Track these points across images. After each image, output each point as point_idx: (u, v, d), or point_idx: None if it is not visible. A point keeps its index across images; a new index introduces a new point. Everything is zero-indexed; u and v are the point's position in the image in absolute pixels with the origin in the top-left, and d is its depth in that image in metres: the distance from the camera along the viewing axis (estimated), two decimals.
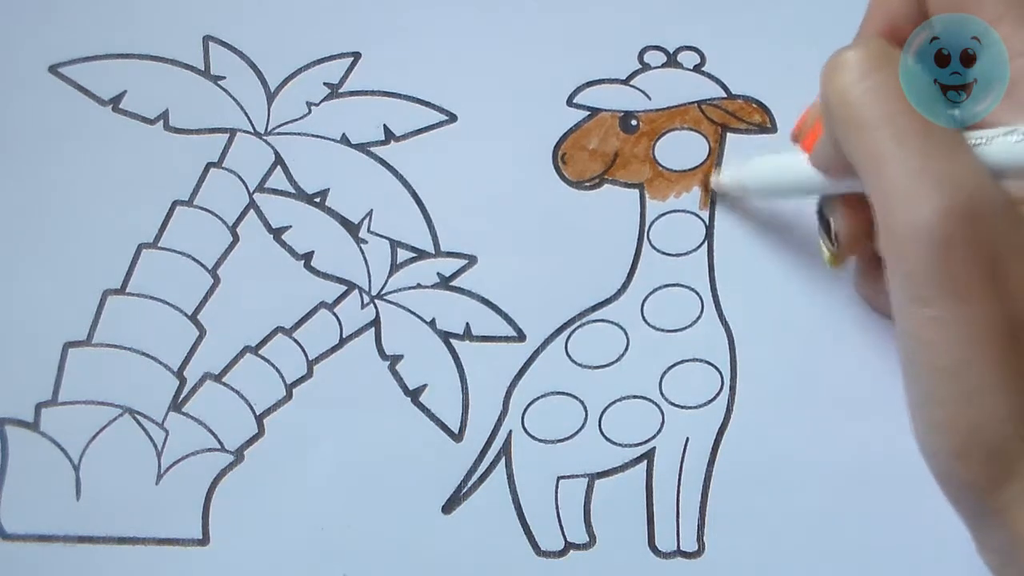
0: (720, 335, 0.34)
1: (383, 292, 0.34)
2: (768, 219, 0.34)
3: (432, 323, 0.34)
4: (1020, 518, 0.22)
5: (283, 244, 0.34)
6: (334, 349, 0.33)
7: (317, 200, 0.35)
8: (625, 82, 0.36)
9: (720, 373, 0.33)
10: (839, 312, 0.34)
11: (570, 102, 0.36)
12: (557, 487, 0.33)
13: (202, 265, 0.34)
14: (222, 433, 0.33)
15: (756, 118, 0.36)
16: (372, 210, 0.35)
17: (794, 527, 0.32)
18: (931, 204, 0.21)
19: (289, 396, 0.33)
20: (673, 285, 0.34)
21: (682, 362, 0.33)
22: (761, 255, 0.34)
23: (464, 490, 0.32)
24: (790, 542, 0.32)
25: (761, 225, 0.34)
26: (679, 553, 0.32)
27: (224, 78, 0.36)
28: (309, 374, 0.33)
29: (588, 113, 0.36)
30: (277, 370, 0.33)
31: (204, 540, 0.32)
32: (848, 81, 0.24)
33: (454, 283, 0.34)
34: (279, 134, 0.35)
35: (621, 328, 0.34)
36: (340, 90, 0.36)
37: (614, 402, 0.33)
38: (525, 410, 0.33)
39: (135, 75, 0.36)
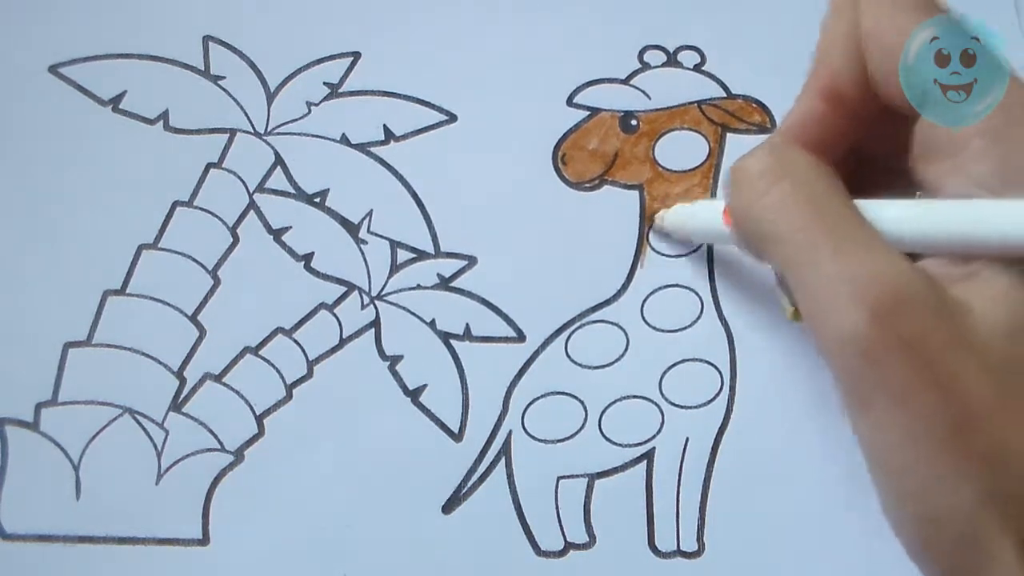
0: (720, 335, 0.34)
1: (383, 293, 0.34)
2: None
3: (432, 324, 0.34)
4: None
5: (283, 245, 0.34)
6: (334, 350, 0.33)
7: (317, 200, 0.35)
8: (625, 82, 0.36)
9: (720, 373, 0.33)
10: None
11: (570, 102, 0.36)
12: (557, 487, 0.33)
13: (202, 266, 0.34)
14: (222, 433, 0.33)
15: (756, 118, 0.36)
16: (372, 210, 0.35)
17: (794, 527, 0.32)
18: (851, 310, 0.21)
19: (289, 396, 0.33)
20: (673, 285, 0.34)
21: (682, 362, 0.33)
22: None
23: (464, 490, 0.32)
24: (790, 542, 0.32)
25: None
26: (679, 553, 0.32)
27: (224, 78, 0.36)
28: (309, 374, 0.33)
29: (588, 113, 0.36)
30: (277, 370, 0.33)
31: (204, 540, 0.32)
32: (751, 197, 0.23)
33: (454, 284, 0.34)
34: (279, 134, 0.35)
35: (621, 328, 0.34)
36: (340, 90, 0.36)
37: (614, 402, 0.33)
38: (525, 410, 0.33)
39: (135, 75, 0.36)
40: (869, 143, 0.27)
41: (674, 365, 0.33)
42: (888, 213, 0.23)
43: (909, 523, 0.22)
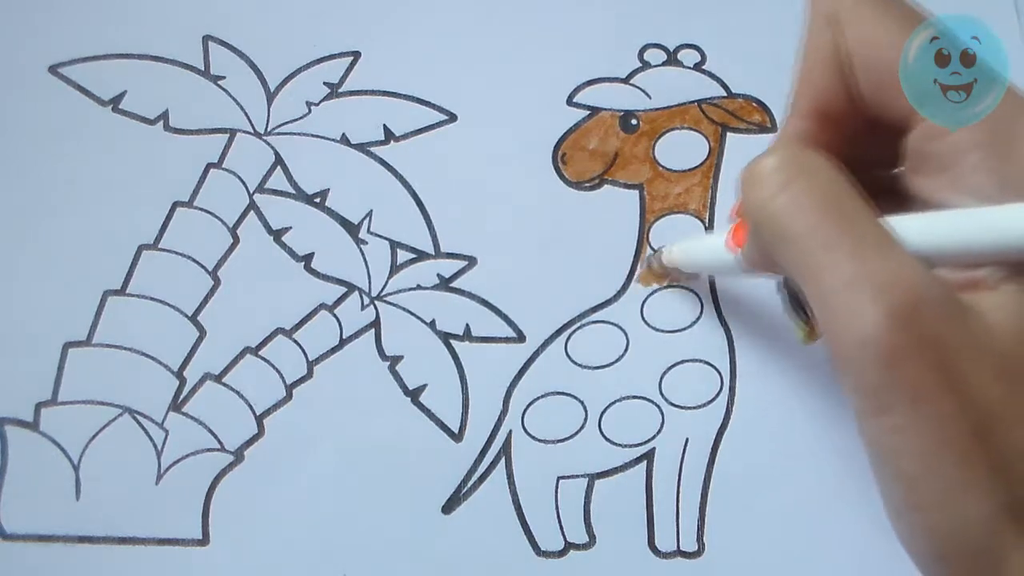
0: (720, 335, 0.34)
1: (383, 293, 0.34)
2: None
3: (432, 324, 0.34)
4: None
5: (283, 245, 0.34)
6: (334, 350, 0.33)
7: (317, 200, 0.35)
8: (625, 81, 0.36)
9: (720, 373, 0.33)
10: None
11: (570, 101, 0.36)
12: (557, 487, 0.33)
13: (202, 266, 0.34)
14: (222, 433, 0.33)
15: (756, 117, 0.36)
16: (372, 210, 0.35)
17: (794, 527, 0.32)
18: (871, 312, 0.21)
19: (289, 396, 0.33)
20: (673, 286, 0.34)
21: (682, 362, 0.33)
22: None
23: (464, 490, 0.32)
24: (790, 542, 0.32)
25: None
26: (679, 553, 0.32)
27: (224, 78, 0.36)
28: (309, 375, 0.33)
29: (588, 112, 0.36)
30: (277, 371, 0.33)
31: (204, 540, 0.32)
32: (767, 195, 0.23)
33: (454, 284, 0.34)
34: (279, 134, 0.35)
35: (621, 329, 0.34)
36: (340, 90, 0.36)
37: (614, 402, 0.33)
38: (525, 410, 0.33)
39: (135, 75, 0.36)
40: (858, 158, 0.27)
41: (674, 366, 0.33)
42: (898, 225, 0.23)
43: (922, 535, 0.22)
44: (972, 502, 0.21)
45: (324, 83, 0.36)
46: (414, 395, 0.33)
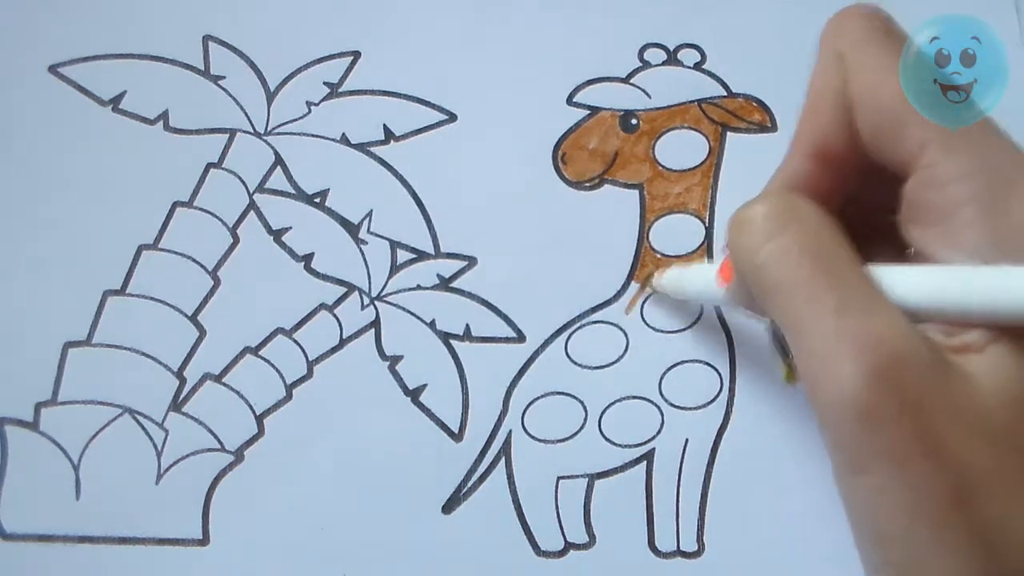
0: (720, 336, 0.34)
1: (383, 293, 0.34)
2: None
3: (432, 324, 0.34)
4: None
5: (283, 245, 0.34)
6: (334, 350, 0.33)
7: (317, 201, 0.35)
8: (625, 80, 0.36)
9: (720, 374, 0.33)
10: None
11: (570, 101, 0.36)
12: (557, 487, 0.33)
13: (202, 266, 0.34)
14: (222, 433, 0.33)
15: (756, 117, 0.36)
16: (372, 210, 0.35)
17: (794, 527, 0.32)
18: (851, 370, 0.20)
19: (289, 396, 0.33)
20: None
21: (682, 363, 0.33)
22: None
23: (464, 490, 0.32)
24: (790, 542, 0.32)
25: None
26: (679, 553, 0.32)
27: (224, 78, 0.36)
28: (309, 375, 0.33)
29: (588, 112, 0.36)
30: (277, 371, 0.33)
31: (204, 540, 0.32)
32: (755, 243, 0.23)
33: (454, 284, 0.34)
34: (279, 134, 0.35)
35: (621, 329, 0.34)
36: (340, 90, 0.36)
37: (614, 402, 0.33)
38: (525, 410, 0.33)
39: (135, 75, 0.36)
40: (858, 200, 0.26)
41: (674, 366, 0.33)
42: (887, 277, 0.22)
43: None
44: (950, 565, 0.20)
45: (324, 83, 0.36)
46: (414, 395, 0.33)
